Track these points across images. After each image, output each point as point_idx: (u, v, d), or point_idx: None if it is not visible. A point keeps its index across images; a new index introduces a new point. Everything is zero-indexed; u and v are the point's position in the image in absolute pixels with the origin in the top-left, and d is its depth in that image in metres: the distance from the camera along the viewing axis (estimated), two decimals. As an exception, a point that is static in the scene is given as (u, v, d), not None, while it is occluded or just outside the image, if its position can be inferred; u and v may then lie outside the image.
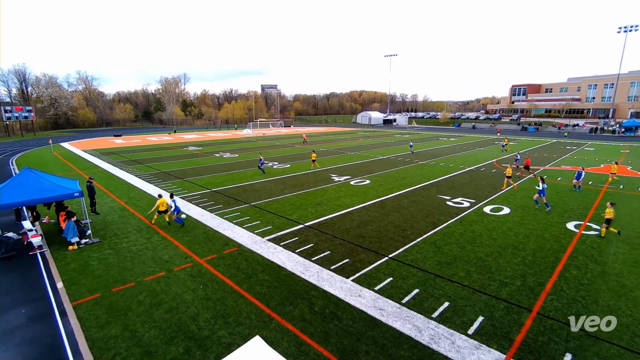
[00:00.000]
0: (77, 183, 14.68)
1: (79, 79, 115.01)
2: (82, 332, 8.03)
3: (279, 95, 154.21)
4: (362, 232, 13.86)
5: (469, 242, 12.83)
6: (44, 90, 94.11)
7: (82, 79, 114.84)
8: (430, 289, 9.63)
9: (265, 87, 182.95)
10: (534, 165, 29.46)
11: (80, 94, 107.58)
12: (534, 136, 62.03)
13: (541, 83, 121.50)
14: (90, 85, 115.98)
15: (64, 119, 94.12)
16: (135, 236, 13.80)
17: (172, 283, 10.11)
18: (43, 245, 12.85)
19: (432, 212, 16.40)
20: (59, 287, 9.99)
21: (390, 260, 11.42)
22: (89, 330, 8.07)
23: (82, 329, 8.12)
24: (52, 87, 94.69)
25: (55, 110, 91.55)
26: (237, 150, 41.14)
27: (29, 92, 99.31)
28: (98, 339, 7.79)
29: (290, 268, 10.94)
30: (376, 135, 65.63)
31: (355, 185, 22.19)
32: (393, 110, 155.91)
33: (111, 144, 51.28)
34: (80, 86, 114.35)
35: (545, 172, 26.57)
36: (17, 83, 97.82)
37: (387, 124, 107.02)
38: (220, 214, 16.41)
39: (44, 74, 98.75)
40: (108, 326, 8.21)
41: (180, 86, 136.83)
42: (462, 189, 21.10)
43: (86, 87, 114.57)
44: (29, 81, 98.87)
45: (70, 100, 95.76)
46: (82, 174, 26.86)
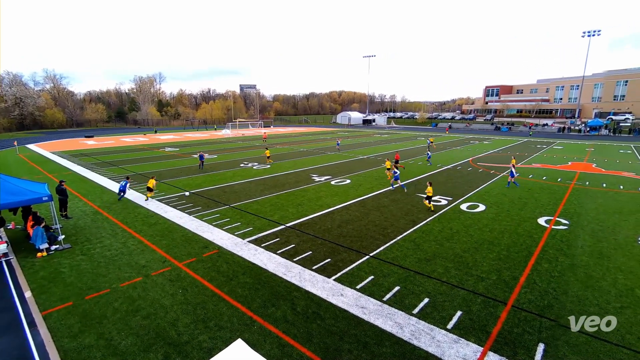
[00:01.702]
0: (46, 187, 13.99)
1: (47, 77, 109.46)
2: (54, 342, 7.66)
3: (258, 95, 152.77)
4: (343, 232, 13.93)
5: (447, 239, 13.14)
6: (7, 89, 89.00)
7: (49, 77, 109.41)
8: (411, 286, 9.80)
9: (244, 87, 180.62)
10: (506, 163, 30.61)
11: (47, 93, 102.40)
12: (507, 135, 64.39)
13: (513, 84, 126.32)
14: (59, 84, 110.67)
15: (30, 119, 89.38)
16: (109, 241, 13.31)
17: (149, 288, 9.82)
18: (9, 252, 12.16)
19: (412, 210, 16.69)
20: (27, 297, 9.49)
21: (372, 258, 11.54)
22: (60, 341, 7.71)
23: (53, 340, 7.74)
24: (16, 86, 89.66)
25: (20, 110, 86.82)
26: (216, 151, 40.43)
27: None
28: (71, 349, 7.46)
29: (272, 269, 10.85)
30: (356, 135, 66.17)
31: (335, 185, 22.29)
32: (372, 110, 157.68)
33: (82, 146, 49.18)
34: (48, 85, 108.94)
35: (518, 169, 27.64)
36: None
37: (366, 124, 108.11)
38: (199, 216, 16.08)
39: (7, 72, 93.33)
40: (81, 335, 7.88)
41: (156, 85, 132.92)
42: (440, 187, 21.57)
43: (54, 85, 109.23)
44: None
45: (37, 99, 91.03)
46: (51, 177, 25.62)
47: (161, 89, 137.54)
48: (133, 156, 37.29)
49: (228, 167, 29.64)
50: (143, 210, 17.07)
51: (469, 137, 59.58)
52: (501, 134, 67.75)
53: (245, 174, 26.13)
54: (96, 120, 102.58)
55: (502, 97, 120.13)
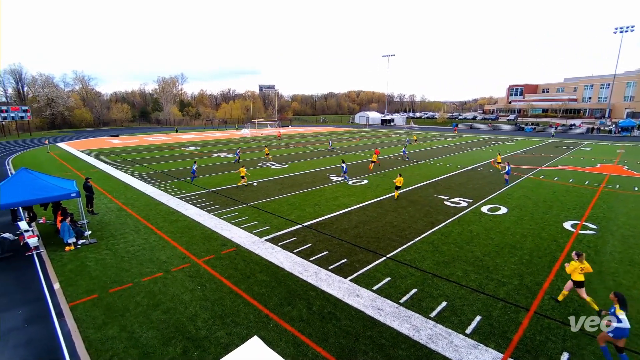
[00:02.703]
0: (74, 183, 14.61)
1: (76, 78, 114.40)
2: (80, 333, 7.99)
3: (276, 95, 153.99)
4: (360, 232, 13.87)
5: (466, 242, 12.86)
6: (40, 90, 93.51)
7: (78, 78, 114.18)
8: (428, 289, 9.65)
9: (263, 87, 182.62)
10: (530, 165, 29.62)
11: (77, 94, 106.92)
12: (531, 136, 62.33)
13: (538, 83, 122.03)
14: (87, 85, 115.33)
15: (60, 119, 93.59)
16: (132, 237, 13.75)
17: (169, 284, 10.08)
18: (40, 246, 12.78)
19: (430, 212, 16.43)
20: (56, 288, 9.94)
21: (389, 260, 11.43)
22: (86, 332, 8.03)
23: (79, 330, 8.07)
24: (48, 87, 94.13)
25: (51, 110, 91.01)
26: (235, 150, 41.05)
27: (25, 92, 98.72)
28: (95, 340, 7.76)
29: (289, 268, 10.93)
30: (374, 135, 65.71)
31: (353, 185, 22.20)
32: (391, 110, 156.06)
33: (108, 144, 51.06)
34: (77, 86, 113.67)
35: (542, 172, 26.69)
36: (13, 83, 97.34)
37: (385, 124, 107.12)
38: (218, 214, 16.38)
39: (40, 74, 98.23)
40: (105, 327, 8.18)
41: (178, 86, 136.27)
42: (460, 188, 21.15)
43: (83, 87, 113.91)
44: (25, 81, 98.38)
45: (67, 100, 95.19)
46: (79, 174, 26.73)
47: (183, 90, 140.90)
48: (156, 155, 38.39)
49: (246, 166, 30.00)
50: (164, 208, 17.55)
51: (491, 138, 58.05)
52: (525, 135, 65.63)
53: (263, 173, 26.41)
54: (121, 120, 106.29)
55: (527, 96, 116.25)
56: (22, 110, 69.18)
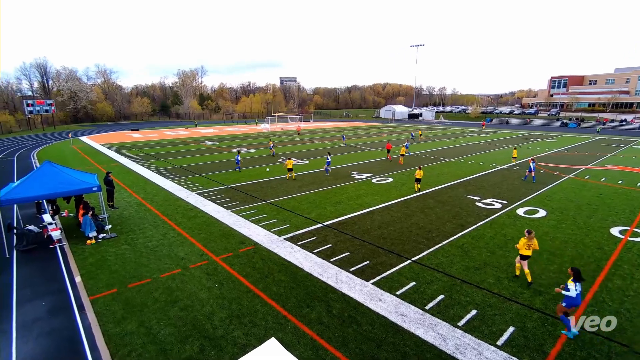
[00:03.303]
0: (96, 177, 15.31)
1: (98, 72, 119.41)
2: (99, 327, 8.40)
3: (298, 88, 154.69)
4: (383, 233, 13.78)
5: (499, 247, 12.51)
6: (64, 83, 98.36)
7: (100, 72, 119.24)
8: (457, 296, 9.46)
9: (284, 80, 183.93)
10: (573, 164, 28.30)
11: (99, 88, 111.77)
12: (575, 132, 59.49)
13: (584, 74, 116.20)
14: (109, 79, 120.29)
15: (83, 112, 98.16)
16: (151, 232, 14.27)
17: (187, 280, 10.40)
18: (62, 239, 13.50)
19: (460, 214, 16.08)
20: (77, 281, 10.48)
21: (414, 263, 11.29)
22: (105, 326, 8.42)
23: (99, 324, 8.49)
24: (72, 81, 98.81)
25: (74, 103, 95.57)
26: (254, 146, 41.68)
27: (49, 86, 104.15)
28: (114, 334, 8.13)
29: (308, 269, 11.01)
30: (400, 130, 64.81)
31: (377, 184, 22.04)
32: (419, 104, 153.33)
33: (128, 138, 53.10)
34: (99, 79, 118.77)
35: (587, 172, 25.45)
36: (39, 76, 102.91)
37: (412, 118, 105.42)
38: (236, 211, 16.71)
39: (64, 67, 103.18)
40: (124, 322, 8.55)
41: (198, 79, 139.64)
42: (494, 189, 20.56)
43: (105, 80, 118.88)
44: (49, 75, 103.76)
45: (90, 93, 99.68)
46: (100, 168, 27.97)
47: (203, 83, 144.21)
48: (175, 149, 39.58)
49: (266, 162, 30.41)
50: (183, 203, 18.08)
51: (530, 134, 55.89)
52: (568, 131, 62.70)
53: (283, 170, 26.64)
54: (142, 114, 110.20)
55: (571, 88, 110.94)
56: (47, 104, 73.16)
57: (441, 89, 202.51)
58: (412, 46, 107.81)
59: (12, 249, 12.73)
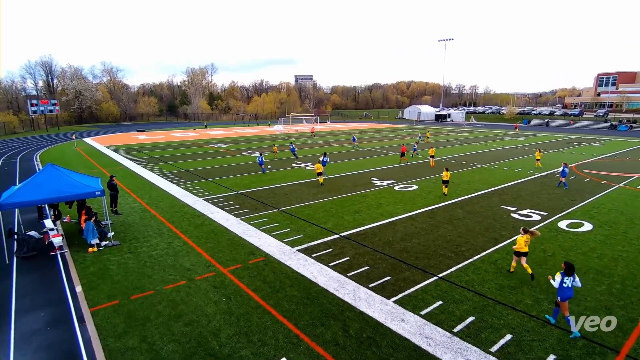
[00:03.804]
0: (99, 181, 15.77)
1: (104, 70, 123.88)
2: (100, 341, 8.58)
3: (314, 87, 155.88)
4: (407, 246, 13.64)
5: (538, 264, 12.18)
6: (69, 82, 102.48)
7: (106, 70, 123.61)
8: (489, 318, 9.23)
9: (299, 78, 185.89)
10: (624, 172, 27.33)
11: (104, 87, 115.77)
12: (626, 136, 57.51)
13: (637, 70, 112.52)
14: (115, 77, 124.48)
15: (87, 112, 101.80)
16: (155, 240, 14.55)
17: (193, 293, 10.53)
18: (63, 245, 13.92)
19: (493, 226, 15.76)
20: (78, 291, 10.76)
21: (441, 280, 11.12)
22: (106, 340, 8.60)
23: (99, 338, 8.67)
24: (77, 80, 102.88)
25: (79, 103, 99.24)
26: (266, 149, 42.08)
27: (54, 85, 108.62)
28: (115, 349, 8.28)
29: (323, 284, 10.98)
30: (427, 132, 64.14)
31: (400, 191, 21.87)
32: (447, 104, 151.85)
33: (134, 140, 54.58)
34: (105, 78, 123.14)
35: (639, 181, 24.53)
36: (44, 75, 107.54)
37: (439, 120, 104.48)
38: (246, 219, 16.86)
39: (69, 65, 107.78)
40: (125, 336, 8.71)
41: (207, 77, 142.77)
42: (532, 198, 20.09)
43: (111, 79, 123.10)
44: (55, 73, 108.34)
45: (95, 93, 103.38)
46: (104, 171, 28.80)
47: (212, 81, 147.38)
48: (182, 152, 40.42)
49: (279, 166, 30.66)
50: (190, 210, 18.38)
51: (573, 138, 54.42)
52: (618, 134, 60.70)
53: (297, 175, 26.80)
54: (148, 114, 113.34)
55: (621, 86, 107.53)
56: (51, 103, 76.25)
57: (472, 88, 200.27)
58: (440, 40, 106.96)
59: (12, 255, 13.21)
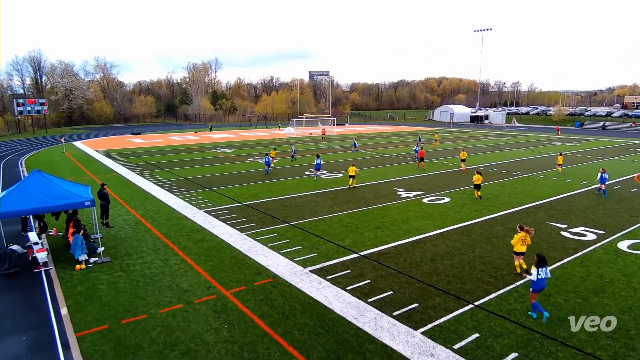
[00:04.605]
0: (89, 190, 16.14)
1: (97, 66, 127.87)
2: (86, 370, 8.68)
3: (331, 84, 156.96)
4: (437, 268, 13.52)
5: (594, 292, 11.87)
6: (58, 80, 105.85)
7: (100, 66, 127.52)
8: (535, 354, 9.01)
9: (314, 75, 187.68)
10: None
11: (97, 84, 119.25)
12: (700, 141, 55.78)
13: None
14: (109, 74, 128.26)
15: (78, 113, 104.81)
16: (150, 257, 14.75)
17: (191, 319, 10.59)
18: (49, 262, 14.24)
19: (539, 246, 15.46)
20: (63, 314, 10.96)
21: (477, 309, 10.94)
22: (93, 369, 8.70)
23: (85, 367, 8.78)
24: (67, 77, 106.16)
25: (69, 103, 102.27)
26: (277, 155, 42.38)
27: (43, 82, 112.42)
28: (103, 381, 8.37)
29: (339, 310, 10.91)
30: (461, 137, 63.73)
31: (429, 204, 21.73)
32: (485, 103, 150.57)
33: (128, 144, 55.84)
34: (98, 75, 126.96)
35: None
36: (32, 72, 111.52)
37: (475, 122, 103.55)
38: (252, 234, 16.96)
39: (59, 61, 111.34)
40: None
41: (211, 74, 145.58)
42: (585, 214, 19.71)
43: (104, 75, 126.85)
44: (43, 69, 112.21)
45: (87, 91, 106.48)
46: (95, 178, 29.49)
47: (216, 78, 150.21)
48: (181, 158, 41.12)
49: (290, 174, 30.81)
50: (189, 223, 18.62)
51: (635, 144, 53.10)
52: (689, 139, 58.90)
53: (311, 185, 26.87)
54: (144, 115, 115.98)
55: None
56: (38, 103, 78.81)
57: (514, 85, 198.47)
58: (477, 31, 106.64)
59: (-8, 272, 13.56)
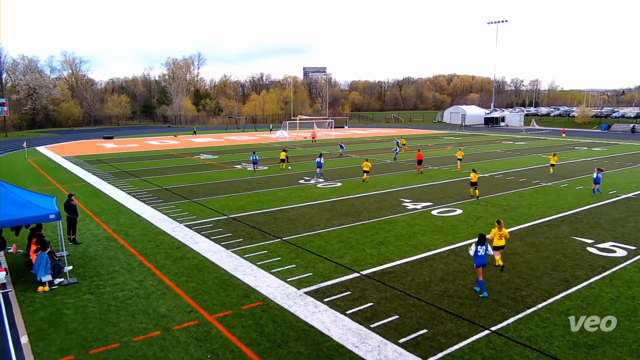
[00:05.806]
0: (54, 201, 16.03)
1: (65, 62, 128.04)
2: (48, 408, 8.56)
3: (328, 82, 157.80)
4: (448, 289, 13.50)
5: (626, 315, 11.86)
6: (21, 77, 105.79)
7: (68, 62, 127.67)
8: (560, 387, 8.97)
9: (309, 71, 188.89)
10: None
11: (64, 82, 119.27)
12: None
13: None
14: (78, 71, 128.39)
15: (43, 114, 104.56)
16: (123, 277, 14.63)
17: (169, 347, 10.47)
18: (7, 283, 14.08)
19: (563, 263, 15.52)
20: (23, 343, 10.80)
21: (494, 335, 10.92)
22: (57, 407, 8.58)
23: (48, 404, 8.66)
24: (31, 73, 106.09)
25: (33, 103, 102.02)
26: (266, 161, 42.41)
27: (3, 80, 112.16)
28: (68, 420, 8.25)
29: (338, 337, 10.85)
30: (474, 141, 64.03)
31: (439, 216, 21.78)
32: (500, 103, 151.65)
33: (99, 149, 55.71)
34: (66, 71, 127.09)
35: None
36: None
37: (490, 124, 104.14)
38: (239, 251, 16.88)
39: (22, 56, 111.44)
40: (82, 403, 8.68)
41: (193, 70, 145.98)
42: (614, 227, 19.82)
43: (72, 72, 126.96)
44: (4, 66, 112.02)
45: (52, 90, 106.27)
46: (61, 188, 29.33)
47: (199, 75, 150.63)
48: (159, 165, 41.07)
49: (282, 183, 30.77)
50: (167, 239, 18.51)
51: (668, 148, 53.48)
52: None
53: (305, 195, 26.85)
54: (118, 117, 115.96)
55: None
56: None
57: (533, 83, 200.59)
58: (490, 23, 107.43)
59: (-58, 295, 13.40)
